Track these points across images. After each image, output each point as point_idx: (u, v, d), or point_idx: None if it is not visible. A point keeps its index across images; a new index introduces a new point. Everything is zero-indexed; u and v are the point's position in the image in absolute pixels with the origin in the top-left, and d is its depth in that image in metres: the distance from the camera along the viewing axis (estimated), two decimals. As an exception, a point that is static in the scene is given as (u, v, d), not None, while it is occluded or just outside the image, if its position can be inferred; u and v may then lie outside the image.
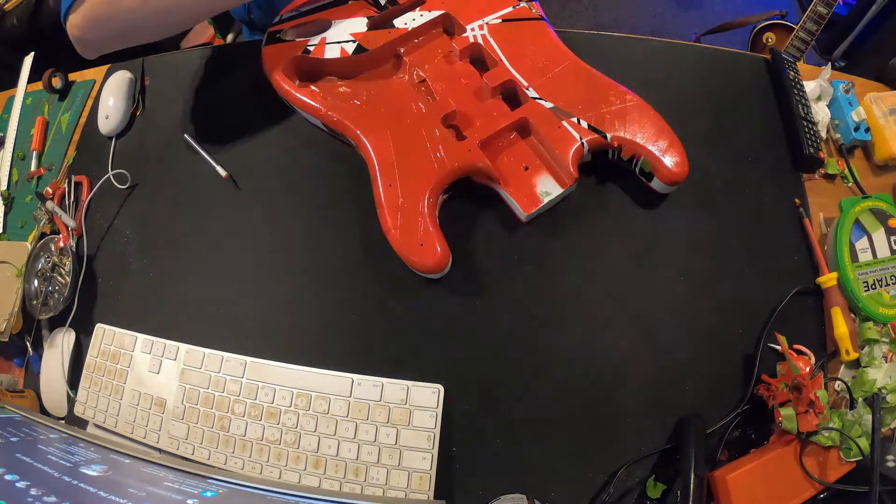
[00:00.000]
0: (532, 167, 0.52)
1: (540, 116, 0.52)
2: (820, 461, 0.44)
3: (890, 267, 0.51)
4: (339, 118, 0.54)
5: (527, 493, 0.44)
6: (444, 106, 0.54)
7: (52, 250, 0.60)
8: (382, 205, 0.50)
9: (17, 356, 0.60)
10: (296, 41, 0.58)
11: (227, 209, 0.60)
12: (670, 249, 0.53)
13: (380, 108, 0.55)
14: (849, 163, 0.56)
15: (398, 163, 0.52)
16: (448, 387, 0.48)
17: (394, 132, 0.53)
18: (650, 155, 0.50)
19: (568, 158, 0.50)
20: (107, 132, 0.66)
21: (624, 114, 0.51)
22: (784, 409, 0.44)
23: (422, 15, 0.58)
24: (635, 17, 1.69)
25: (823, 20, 1.04)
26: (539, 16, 0.58)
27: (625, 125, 0.51)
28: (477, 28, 0.57)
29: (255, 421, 0.49)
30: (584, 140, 0.51)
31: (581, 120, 0.51)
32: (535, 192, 0.51)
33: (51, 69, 0.71)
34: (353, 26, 0.59)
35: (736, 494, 0.42)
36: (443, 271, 0.50)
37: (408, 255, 0.49)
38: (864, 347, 0.48)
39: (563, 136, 0.51)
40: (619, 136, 0.51)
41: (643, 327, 0.50)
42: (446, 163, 0.51)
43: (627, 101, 0.52)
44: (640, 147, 0.50)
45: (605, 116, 0.51)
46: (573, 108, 0.52)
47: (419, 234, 0.49)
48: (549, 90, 0.53)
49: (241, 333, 0.54)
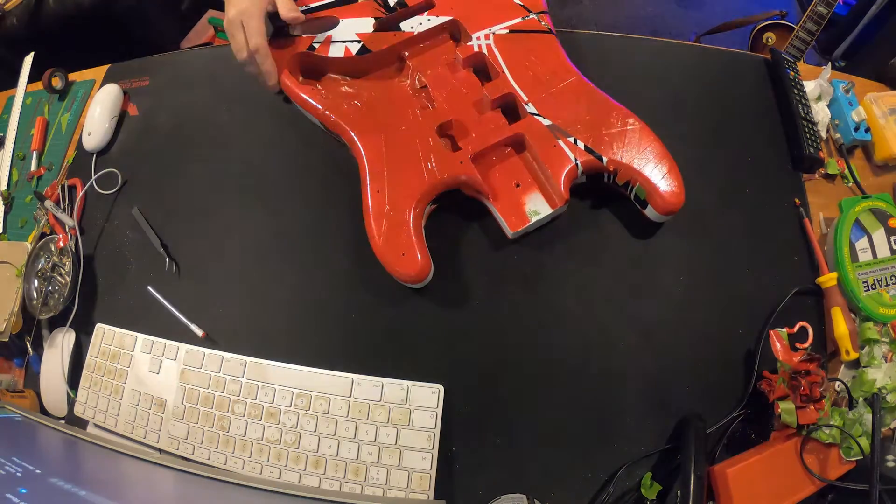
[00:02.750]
0: (524, 184, 0.51)
1: (536, 133, 0.51)
2: (820, 459, 0.44)
3: (890, 267, 0.51)
4: (337, 118, 0.54)
5: (527, 493, 0.44)
6: (441, 114, 0.53)
7: (52, 250, 0.60)
8: (369, 211, 0.50)
9: (17, 356, 0.60)
10: (302, 37, 0.58)
11: (227, 209, 0.60)
12: (670, 249, 0.53)
13: (378, 111, 0.54)
14: (849, 163, 0.56)
15: (389, 169, 0.51)
16: (448, 387, 0.48)
17: (388, 138, 0.53)
18: (646, 182, 0.49)
19: (560, 179, 0.49)
20: (90, 148, 0.66)
21: (623, 137, 0.50)
22: (783, 403, 0.44)
23: (429, 20, 0.58)
24: (635, 17, 1.69)
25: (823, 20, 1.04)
26: (548, 29, 0.56)
27: (623, 149, 0.50)
28: (483, 37, 0.56)
29: (255, 421, 0.49)
30: (578, 161, 0.50)
31: (578, 140, 0.50)
32: (524, 211, 0.50)
33: (51, 69, 0.71)
34: (360, 26, 0.58)
35: (736, 488, 0.43)
36: (423, 281, 0.50)
37: (388, 264, 0.49)
38: (864, 347, 0.48)
39: (557, 155, 0.50)
40: (615, 160, 0.49)
41: (643, 327, 0.50)
42: (436, 174, 0.50)
43: (629, 124, 0.50)
44: (635, 173, 0.49)
45: (604, 138, 0.50)
46: (571, 128, 0.51)
47: (401, 244, 0.49)
48: (549, 107, 0.52)
49: (241, 333, 0.54)
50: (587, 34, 0.63)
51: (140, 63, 0.71)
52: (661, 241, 0.53)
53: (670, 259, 0.52)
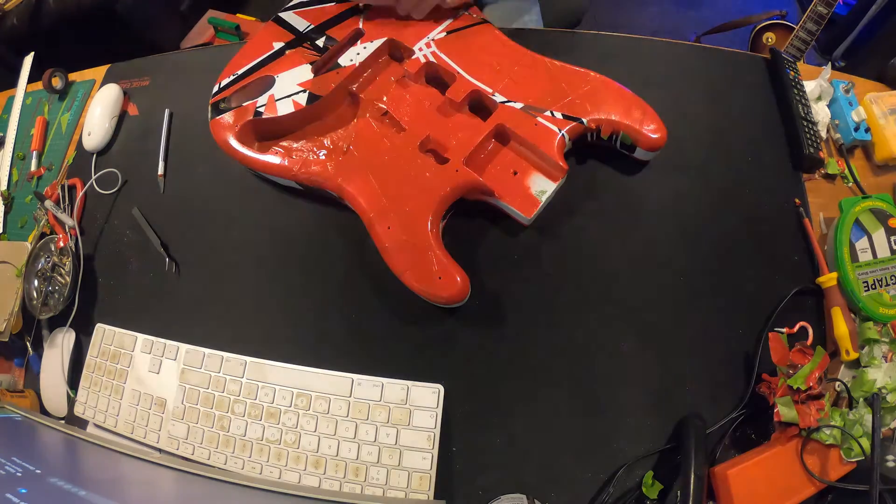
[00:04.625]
0: (521, 170, 0.51)
1: (514, 119, 0.52)
2: (821, 460, 0.44)
3: (890, 267, 0.51)
4: (314, 173, 0.52)
5: (527, 493, 0.44)
6: (416, 133, 0.52)
7: (52, 250, 0.60)
8: (387, 249, 0.49)
9: (17, 356, 0.60)
10: (243, 105, 0.56)
11: (227, 208, 0.60)
12: (670, 249, 0.53)
13: (352, 152, 0.53)
14: (849, 163, 0.56)
15: (390, 202, 0.50)
16: (448, 387, 0.48)
17: (376, 173, 0.51)
18: (628, 128, 0.50)
19: (553, 152, 0.50)
20: (90, 148, 0.66)
21: (593, 95, 0.51)
22: (782, 400, 0.44)
23: (365, 47, 0.57)
24: (635, 17, 1.69)
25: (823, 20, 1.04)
26: (481, 19, 0.57)
27: (597, 106, 0.51)
28: (424, 46, 0.56)
29: (255, 421, 0.49)
30: (563, 131, 0.50)
31: (554, 112, 0.51)
32: (531, 194, 0.51)
33: (51, 69, 0.71)
34: (299, 76, 0.56)
35: (737, 489, 0.43)
36: (465, 298, 0.49)
37: (428, 292, 0.47)
38: (864, 347, 0.48)
39: (541, 132, 0.51)
40: (595, 117, 0.51)
41: (643, 327, 0.50)
42: (438, 189, 0.49)
43: (591, 80, 0.52)
44: (617, 123, 0.51)
45: (576, 102, 0.51)
46: (544, 102, 0.52)
47: (434, 268, 0.47)
48: (514, 91, 0.53)
49: (241, 333, 0.54)
50: (587, 34, 0.63)
51: (140, 63, 0.71)
52: (661, 240, 0.53)
53: (670, 259, 0.52)
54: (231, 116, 0.56)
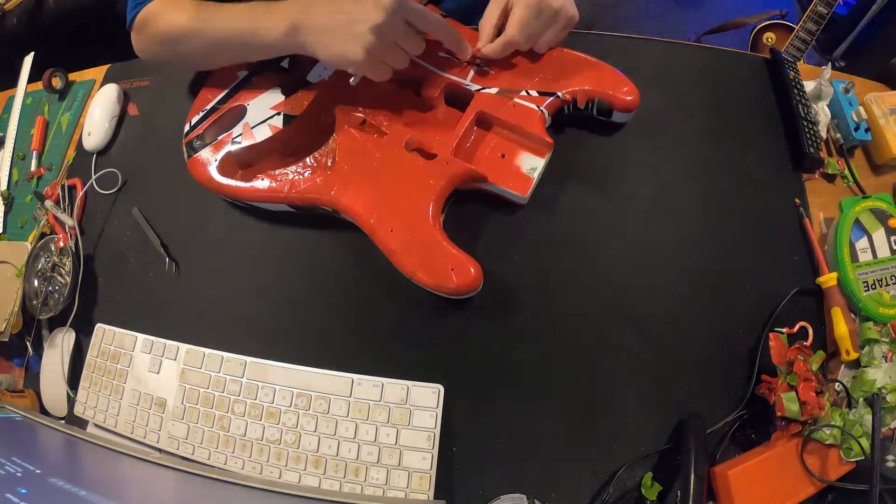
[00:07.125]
0: (508, 152, 0.52)
1: (492, 104, 0.52)
2: (821, 460, 0.44)
3: (890, 267, 0.51)
4: (305, 190, 0.52)
5: (527, 493, 0.44)
6: (399, 135, 0.52)
7: (52, 250, 0.60)
8: (395, 251, 0.48)
9: (17, 356, 0.60)
10: (219, 139, 0.56)
11: (227, 208, 0.60)
12: (671, 249, 0.53)
13: (340, 164, 0.52)
14: (849, 163, 0.56)
15: (388, 205, 0.50)
16: (448, 387, 0.48)
17: (368, 180, 0.51)
18: (603, 94, 0.51)
19: (536, 129, 0.51)
20: (90, 148, 0.66)
21: (561, 68, 0.53)
22: (785, 394, 0.44)
23: None
24: (635, 17, 1.69)
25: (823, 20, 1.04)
26: (440, 12, 0.56)
27: (569, 78, 0.52)
28: None
29: (255, 421, 0.49)
30: (541, 107, 0.51)
31: (529, 90, 0.52)
32: (523, 173, 0.51)
33: (51, 69, 0.71)
34: (270, 100, 0.56)
35: (737, 489, 0.42)
36: (479, 287, 0.48)
37: (442, 286, 0.47)
38: (864, 347, 0.48)
39: (521, 111, 0.52)
40: (569, 90, 0.52)
41: (643, 327, 0.50)
42: (433, 184, 0.49)
43: (555, 55, 0.54)
44: (591, 91, 0.52)
45: (547, 77, 0.53)
46: (517, 83, 0.53)
47: (445, 261, 0.47)
48: (487, 76, 0.54)
49: (241, 333, 0.54)
50: (587, 34, 0.63)
51: (140, 63, 0.71)
52: (661, 241, 0.53)
53: (670, 259, 0.52)
54: (208, 152, 0.56)
